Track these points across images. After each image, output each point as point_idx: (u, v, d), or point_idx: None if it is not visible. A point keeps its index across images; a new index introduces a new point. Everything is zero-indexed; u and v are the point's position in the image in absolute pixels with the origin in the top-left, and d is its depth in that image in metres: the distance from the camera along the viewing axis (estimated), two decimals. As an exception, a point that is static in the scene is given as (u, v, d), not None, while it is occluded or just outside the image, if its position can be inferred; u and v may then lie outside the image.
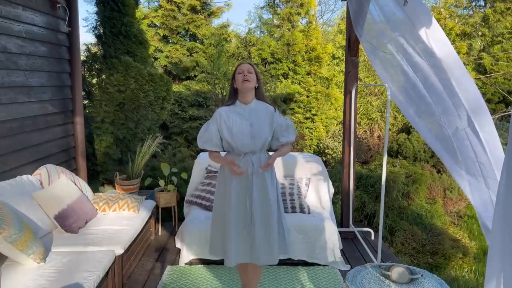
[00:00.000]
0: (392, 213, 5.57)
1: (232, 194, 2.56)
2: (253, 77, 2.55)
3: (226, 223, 2.60)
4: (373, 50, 3.38)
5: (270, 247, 2.59)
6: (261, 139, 2.55)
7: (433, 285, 2.00)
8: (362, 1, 3.41)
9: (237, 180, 2.56)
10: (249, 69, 2.55)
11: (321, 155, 8.22)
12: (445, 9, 9.63)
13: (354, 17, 3.71)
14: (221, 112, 2.59)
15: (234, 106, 2.61)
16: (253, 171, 2.55)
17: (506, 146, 1.33)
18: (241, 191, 2.57)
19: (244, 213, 2.57)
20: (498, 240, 1.43)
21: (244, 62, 2.63)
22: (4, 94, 3.28)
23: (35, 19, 3.73)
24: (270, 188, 2.59)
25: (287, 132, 2.65)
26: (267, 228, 2.58)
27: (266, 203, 2.57)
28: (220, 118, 2.57)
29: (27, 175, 3.31)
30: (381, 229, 3.48)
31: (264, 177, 2.58)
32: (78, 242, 2.96)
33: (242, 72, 2.54)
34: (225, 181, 2.63)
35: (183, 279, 3.29)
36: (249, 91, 2.58)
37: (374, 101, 8.49)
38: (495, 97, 9.03)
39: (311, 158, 4.32)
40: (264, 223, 2.58)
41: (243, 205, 2.57)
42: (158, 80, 5.67)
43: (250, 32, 10.04)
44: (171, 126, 8.24)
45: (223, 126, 2.56)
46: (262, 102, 2.64)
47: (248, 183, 2.56)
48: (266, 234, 2.58)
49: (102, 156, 5.45)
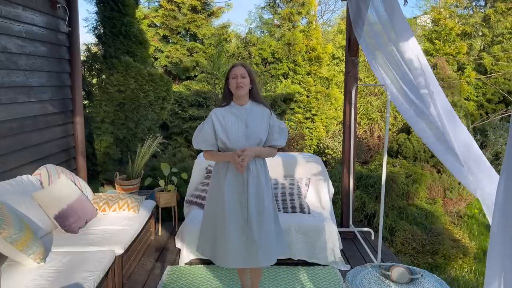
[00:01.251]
0: (392, 213, 5.56)
1: (226, 194, 2.54)
2: (246, 82, 2.54)
3: (219, 224, 2.58)
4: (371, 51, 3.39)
5: (268, 247, 2.58)
6: (256, 140, 2.55)
7: (433, 285, 2.00)
8: (361, 3, 3.42)
9: (231, 180, 2.55)
10: (243, 74, 2.52)
11: (321, 155, 8.23)
12: (445, 9, 9.63)
13: (354, 17, 3.71)
14: (216, 113, 2.59)
15: (229, 107, 2.61)
16: (248, 169, 2.54)
17: (506, 146, 1.33)
18: (235, 191, 2.55)
19: (240, 213, 2.55)
20: (498, 240, 1.43)
21: (238, 64, 2.58)
22: (4, 94, 3.28)
23: (35, 19, 3.73)
24: (265, 188, 2.59)
25: (280, 135, 2.63)
26: (263, 228, 2.57)
27: (262, 203, 2.57)
28: (215, 119, 2.57)
29: (27, 175, 3.31)
30: (381, 229, 3.48)
31: (259, 177, 2.58)
32: (78, 242, 2.96)
33: (235, 77, 2.53)
34: (218, 181, 2.61)
35: (183, 279, 3.29)
36: (244, 95, 2.59)
37: (374, 101, 8.49)
38: (495, 97, 9.03)
39: (311, 158, 4.32)
40: (261, 223, 2.57)
41: (238, 205, 2.55)
42: (158, 80, 5.67)
43: (250, 32, 10.04)
44: (171, 126, 8.24)
45: (218, 126, 2.55)
46: (257, 104, 2.63)
47: (243, 183, 2.55)
48: (263, 235, 2.56)
49: (102, 156, 5.45)
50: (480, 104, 9.05)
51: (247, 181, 2.54)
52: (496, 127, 7.76)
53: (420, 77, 2.41)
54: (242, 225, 2.55)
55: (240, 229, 2.55)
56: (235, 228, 2.54)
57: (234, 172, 2.56)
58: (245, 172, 2.53)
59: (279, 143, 2.62)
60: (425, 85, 2.37)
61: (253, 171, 2.56)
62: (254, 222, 2.55)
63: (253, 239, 2.53)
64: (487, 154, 7.62)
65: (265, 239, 2.57)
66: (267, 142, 2.62)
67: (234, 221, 2.55)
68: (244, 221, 2.55)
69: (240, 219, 2.55)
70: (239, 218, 2.55)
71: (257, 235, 2.54)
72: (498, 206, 1.42)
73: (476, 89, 9.02)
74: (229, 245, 2.53)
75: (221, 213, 2.57)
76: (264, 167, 2.65)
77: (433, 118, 2.37)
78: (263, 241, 2.56)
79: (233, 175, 2.56)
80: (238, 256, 2.55)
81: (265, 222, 2.57)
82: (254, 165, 2.57)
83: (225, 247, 2.55)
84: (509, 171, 1.32)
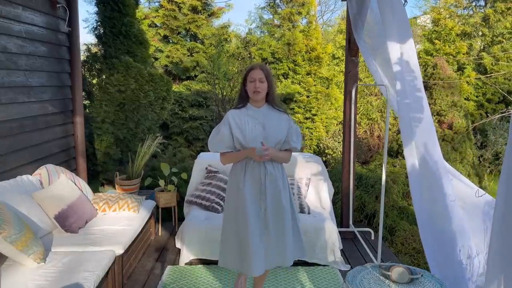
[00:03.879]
0: (392, 213, 5.56)
1: (247, 199, 2.48)
2: (264, 87, 2.49)
3: (242, 231, 2.50)
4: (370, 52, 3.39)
5: (284, 249, 2.54)
6: (275, 141, 2.51)
7: (433, 285, 2.00)
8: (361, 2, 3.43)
9: (249, 184, 2.50)
10: (261, 79, 2.47)
11: (321, 155, 8.22)
12: (445, 9, 9.63)
13: (353, 18, 3.71)
14: (232, 115, 2.53)
15: (246, 109, 2.56)
16: (266, 174, 2.50)
17: (506, 146, 1.33)
18: (255, 197, 2.51)
19: (260, 219, 2.51)
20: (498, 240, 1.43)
21: (256, 67, 2.51)
22: (4, 94, 3.28)
23: (35, 19, 3.73)
24: (282, 192, 2.54)
25: (297, 138, 2.61)
26: (280, 232, 2.53)
27: (279, 207, 2.53)
28: (231, 120, 2.51)
29: (27, 175, 3.31)
30: (381, 229, 3.48)
31: (277, 181, 2.53)
32: (78, 242, 2.96)
33: (253, 81, 2.47)
34: (238, 187, 2.53)
35: (183, 279, 3.29)
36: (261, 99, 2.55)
37: (374, 101, 8.49)
38: (495, 97, 9.03)
39: (311, 158, 4.32)
40: (278, 227, 2.53)
41: (258, 210, 2.50)
42: (158, 80, 5.67)
43: (250, 32, 10.04)
44: (171, 126, 8.24)
45: (235, 127, 2.50)
46: (273, 108, 2.59)
47: (261, 188, 2.51)
48: (280, 238, 2.53)
49: (102, 156, 5.45)
50: (480, 104, 9.05)
51: (264, 184, 2.50)
52: (496, 127, 7.76)
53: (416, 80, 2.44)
54: (262, 229, 2.51)
55: (261, 233, 2.50)
56: (258, 233, 2.49)
57: (252, 176, 2.51)
58: (263, 175, 2.50)
59: (297, 146, 2.60)
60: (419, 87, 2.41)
61: (271, 172, 2.52)
62: (272, 227, 2.51)
63: (270, 243, 2.50)
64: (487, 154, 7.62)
65: (283, 242, 2.53)
66: (285, 144, 2.59)
67: (257, 227, 2.49)
68: (263, 227, 2.51)
69: (261, 225, 2.51)
70: (260, 224, 2.51)
71: (275, 239, 2.51)
72: (499, 206, 1.42)
73: (476, 89, 9.02)
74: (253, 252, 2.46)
75: (243, 221, 2.49)
76: (282, 169, 2.61)
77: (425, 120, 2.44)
78: (279, 241, 2.53)
79: (251, 179, 2.50)
80: (261, 261, 2.49)
81: (284, 226, 2.53)
82: (272, 168, 2.53)
83: (251, 254, 2.46)
84: (509, 171, 1.32)
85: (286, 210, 2.55)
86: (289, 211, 2.57)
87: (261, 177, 2.50)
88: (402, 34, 2.57)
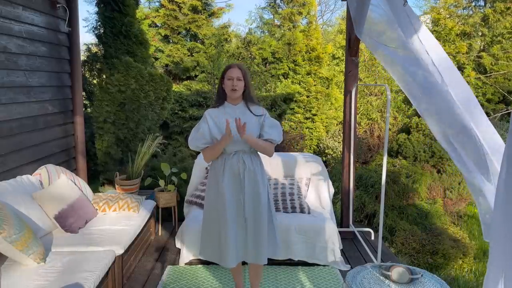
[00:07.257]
0: (392, 213, 5.57)
1: (226, 193, 2.57)
2: (241, 85, 2.58)
3: (221, 224, 2.60)
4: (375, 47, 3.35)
5: (259, 247, 2.62)
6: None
7: (433, 285, 2.00)
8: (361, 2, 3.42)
9: (229, 179, 2.58)
10: (239, 77, 2.56)
11: (321, 155, 8.23)
12: (445, 9, 9.62)
13: (354, 16, 3.71)
14: (209, 113, 2.64)
15: (223, 107, 2.66)
16: (245, 169, 2.57)
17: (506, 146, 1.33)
18: (234, 190, 2.59)
19: (239, 212, 2.60)
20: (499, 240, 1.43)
21: (234, 66, 2.61)
22: (4, 94, 3.28)
23: (35, 19, 3.73)
24: (261, 189, 2.61)
25: (271, 129, 2.63)
26: (257, 226, 2.61)
27: (258, 204, 2.60)
28: (209, 118, 2.61)
29: (27, 175, 3.31)
30: (381, 229, 3.48)
31: (256, 176, 2.60)
32: (78, 242, 2.96)
33: (231, 79, 2.56)
34: (217, 181, 2.62)
35: (183, 279, 3.29)
36: (238, 96, 2.63)
37: (374, 101, 8.49)
38: (495, 97, 9.03)
39: (311, 158, 4.32)
40: (255, 223, 2.61)
41: (238, 203, 2.59)
42: (159, 80, 5.67)
43: (251, 32, 10.04)
44: (171, 125, 8.24)
45: (212, 125, 2.59)
46: (251, 104, 2.66)
47: (240, 183, 2.59)
48: (256, 234, 2.61)
49: (103, 156, 5.45)
50: (480, 104, 9.03)
51: (243, 178, 2.58)
52: (496, 127, 7.75)
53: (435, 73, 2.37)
54: (241, 224, 2.60)
55: (240, 228, 2.60)
56: (236, 227, 2.59)
57: (231, 171, 2.59)
58: (242, 169, 2.57)
59: (272, 137, 2.62)
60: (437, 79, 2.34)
61: (250, 168, 2.59)
62: (250, 221, 2.60)
63: (248, 237, 2.60)
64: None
65: (258, 239, 2.61)
66: (262, 136, 2.63)
67: (235, 220, 2.59)
68: (242, 219, 2.60)
69: (240, 218, 2.60)
70: (239, 217, 2.60)
71: (252, 234, 2.61)
72: (499, 206, 1.41)
73: (476, 89, 9.01)
74: (231, 244, 2.57)
75: (222, 213, 2.59)
76: (260, 165, 2.68)
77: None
78: (255, 238, 2.61)
79: (231, 174, 2.59)
80: (239, 252, 2.61)
81: (260, 222, 2.60)
82: (250, 162, 2.60)
83: (227, 246, 2.57)
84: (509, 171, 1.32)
85: (263, 205, 2.61)
86: (266, 207, 2.63)
87: (240, 171, 2.58)
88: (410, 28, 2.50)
